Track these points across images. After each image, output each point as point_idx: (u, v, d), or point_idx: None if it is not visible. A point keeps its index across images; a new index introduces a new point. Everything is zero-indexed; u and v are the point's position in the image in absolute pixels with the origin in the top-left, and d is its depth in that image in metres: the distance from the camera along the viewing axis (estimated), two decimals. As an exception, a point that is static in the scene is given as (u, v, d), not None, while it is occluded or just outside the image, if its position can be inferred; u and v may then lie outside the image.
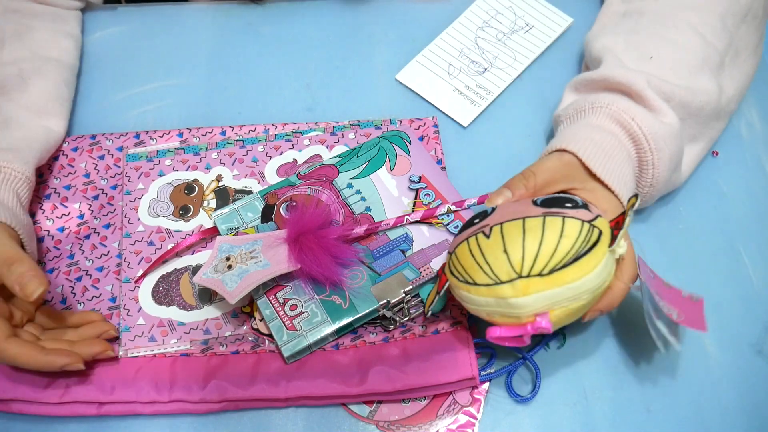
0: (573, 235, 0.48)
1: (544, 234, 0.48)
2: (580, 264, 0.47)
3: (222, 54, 0.74)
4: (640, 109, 0.58)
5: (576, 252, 0.47)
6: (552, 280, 0.47)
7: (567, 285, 0.47)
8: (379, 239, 0.60)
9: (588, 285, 0.48)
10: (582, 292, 0.48)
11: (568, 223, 0.48)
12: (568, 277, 0.47)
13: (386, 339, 0.57)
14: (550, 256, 0.47)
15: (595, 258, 0.48)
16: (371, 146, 0.65)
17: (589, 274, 0.48)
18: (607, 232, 0.49)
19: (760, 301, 0.61)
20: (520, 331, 0.49)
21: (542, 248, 0.47)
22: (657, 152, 0.58)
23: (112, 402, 0.55)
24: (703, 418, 0.56)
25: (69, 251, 0.61)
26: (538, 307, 0.48)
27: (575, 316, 0.50)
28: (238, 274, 0.56)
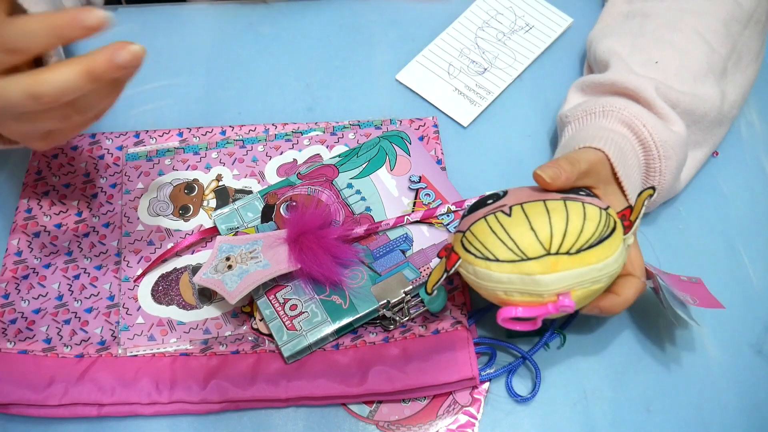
0: (595, 218, 0.49)
1: (569, 215, 0.49)
2: (603, 246, 0.48)
3: (222, 54, 0.74)
4: (650, 116, 0.58)
5: (600, 235, 0.49)
6: (579, 259, 0.48)
7: (592, 266, 0.48)
8: (379, 239, 0.60)
9: (608, 268, 0.49)
10: (603, 275, 0.49)
11: (589, 208, 0.50)
12: (593, 257, 0.48)
13: (386, 339, 0.57)
14: (578, 235, 0.48)
15: (615, 242, 0.49)
16: (371, 146, 0.65)
17: (611, 257, 0.49)
18: (618, 222, 0.51)
19: (760, 301, 0.61)
20: (541, 310, 0.49)
21: (569, 227, 0.48)
22: (665, 160, 0.58)
23: (112, 403, 0.55)
24: (703, 418, 0.56)
25: (67, 248, 0.61)
26: (562, 286, 0.48)
27: (590, 299, 0.51)
28: (239, 274, 0.56)
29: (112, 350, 0.57)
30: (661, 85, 0.60)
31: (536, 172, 0.52)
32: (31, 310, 0.58)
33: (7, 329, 0.57)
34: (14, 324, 0.57)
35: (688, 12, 0.64)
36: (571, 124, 0.62)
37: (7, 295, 0.59)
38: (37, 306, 0.58)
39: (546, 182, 0.52)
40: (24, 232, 0.62)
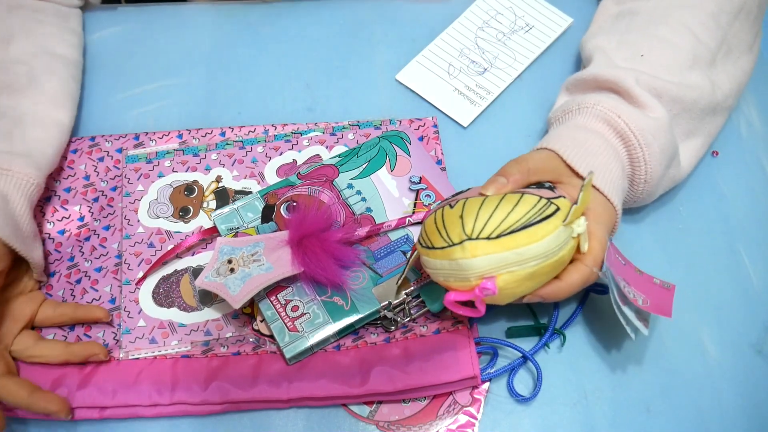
0: (526, 206, 0.50)
1: (500, 205, 0.50)
2: (528, 231, 0.49)
3: (222, 54, 0.74)
4: (626, 106, 0.59)
5: (527, 220, 0.49)
6: (499, 243, 0.49)
7: (513, 250, 0.49)
8: (380, 240, 0.60)
9: (534, 252, 0.49)
10: (528, 258, 0.49)
11: (525, 198, 0.50)
12: (514, 242, 0.49)
13: (387, 339, 0.57)
14: (500, 222, 0.49)
15: (546, 228, 0.49)
16: (371, 146, 0.65)
17: (537, 242, 0.49)
18: (565, 210, 0.51)
19: (760, 301, 0.61)
20: (470, 295, 0.50)
21: (494, 215, 0.49)
22: (646, 147, 0.58)
23: (114, 406, 0.55)
24: (703, 418, 0.57)
25: (69, 254, 0.61)
26: (486, 270, 0.49)
27: (524, 284, 0.51)
28: (241, 278, 0.56)
29: (114, 353, 0.57)
30: (643, 75, 0.60)
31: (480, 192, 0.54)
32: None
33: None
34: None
35: (675, 6, 0.64)
36: (553, 125, 0.63)
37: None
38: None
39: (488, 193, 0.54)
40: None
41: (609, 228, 0.57)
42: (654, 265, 0.63)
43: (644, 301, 0.54)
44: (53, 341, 0.56)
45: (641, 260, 0.62)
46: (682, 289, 0.62)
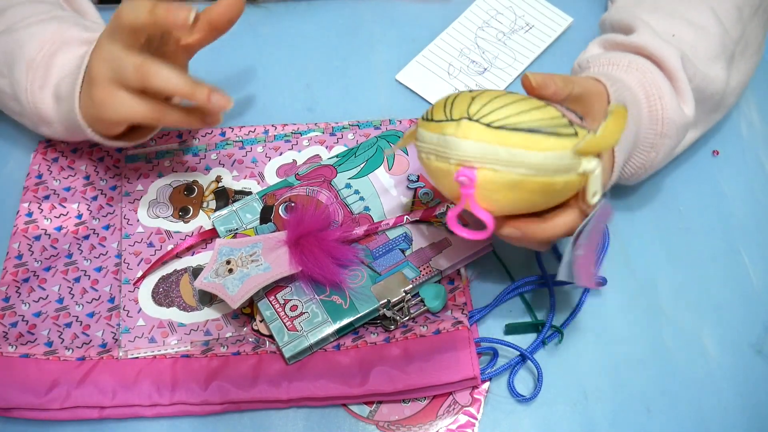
0: (544, 114, 0.45)
1: (518, 101, 0.46)
2: (531, 136, 0.45)
3: (221, 54, 0.74)
4: (670, 89, 0.57)
5: (536, 126, 0.45)
6: (495, 133, 0.45)
7: (507, 147, 0.45)
8: (378, 239, 0.60)
9: (527, 159, 0.45)
10: (518, 163, 0.45)
11: (548, 107, 0.46)
12: (511, 139, 0.45)
13: (387, 339, 0.57)
14: (509, 114, 0.45)
15: (551, 142, 0.45)
16: (369, 146, 0.65)
17: (535, 151, 0.45)
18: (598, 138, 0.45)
19: (760, 301, 0.61)
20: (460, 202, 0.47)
21: (507, 107, 0.45)
22: (664, 137, 0.57)
23: (113, 406, 0.55)
24: (703, 418, 0.56)
25: (67, 251, 0.61)
26: (471, 156, 0.45)
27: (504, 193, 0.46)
28: (240, 278, 0.56)
29: (113, 353, 0.57)
30: (684, 56, 0.58)
31: (525, 75, 0.50)
32: (32, 314, 0.58)
33: (8, 333, 0.57)
34: (15, 327, 0.57)
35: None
36: (590, 70, 0.60)
37: (7, 298, 0.59)
38: (38, 309, 0.59)
39: (531, 86, 0.50)
40: (25, 236, 0.62)
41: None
42: (654, 265, 0.63)
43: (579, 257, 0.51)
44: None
45: (641, 260, 0.62)
46: (682, 289, 0.62)
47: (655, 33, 0.60)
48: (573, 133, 0.46)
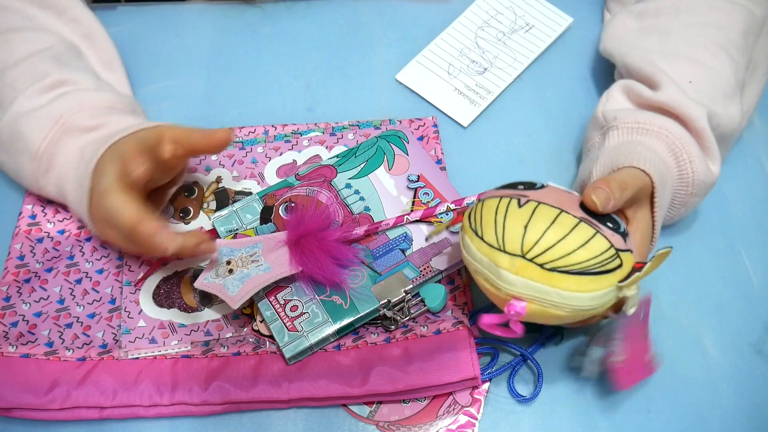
0: (594, 251, 0.47)
1: (570, 234, 0.47)
2: (581, 279, 0.47)
3: (222, 54, 0.74)
4: (698, 151, 0.57)
5: (586, 267, 0.47)
6: (548, 276, 0.47)
7: (558, 290, 0.47)
8: (378, 239, 0.60)
9: (576, 302, 0.48)
10: (566, 305, 0.48)
11: (597, 239, 0.48)
12: (563, 283, 0.47)
13: (388, 339, 0.57)
14: (561, 256, 0.47)
15: (599, 283, 0.47)
16: (369, 146, 0.65)
17: (584, 294, 0.47)
18: (627, 268, 0.48)
19: (760, 301, 0.61)
20: (501, 317, 0.49)
21: (559, 245, 0.47)
22: (693, 197, 0.58)
23: (114, 406, 0.55)
24: (703, 418, 0.56)
25: (69, 252, 0.62)
26: (519, 292, 0.48)
27: (547, 320, 0.50)
28: (240, 279, 0.56)
29: (113, 353, 0.57)
30: (710, 112, 0.58)
31: (589, 196, 0.50)
32: (33, 314, 0.58)
33: (8, 333, 0.57)
34: (15, 327, 0.58)
35: (706, 26, 0.62)
36: (619, 129, 0.59)
37: (8, 297, 0.59)
38: (39, 309, 0.59)
39: (596, 207, 0.50)
40: (27, 238, 0.62)
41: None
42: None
43: (619, 362, 0.52)
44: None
45: (641, 260, 0.62)
46: (682, 289, 0.62)
47: (679, 88, 0.59)
48: (619, 265, 0.48)
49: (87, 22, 0.68)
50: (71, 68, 0.62)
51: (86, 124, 0.59)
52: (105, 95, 0.61)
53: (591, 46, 0.74)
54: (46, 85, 0.60)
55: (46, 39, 0.64)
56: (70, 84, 0.61)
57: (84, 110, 0.59)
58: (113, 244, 0.56)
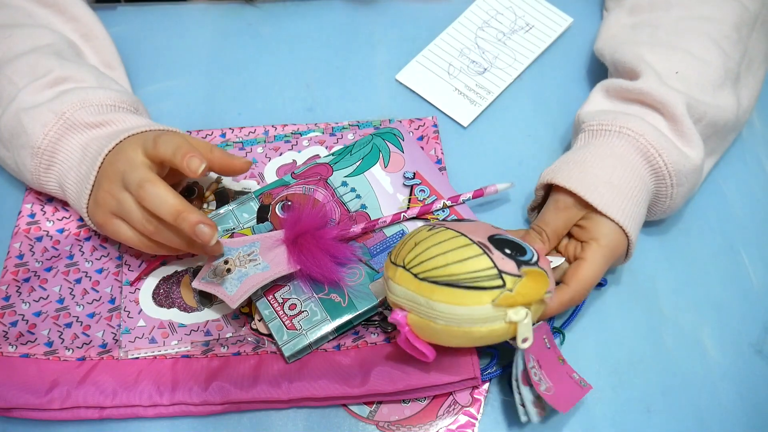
0: (470, 267, 0.48)
1: (453, 251, 0.49)
2: (448, 291, 0.48)
3: (222, 54, 0.74)
4: (667, 140, 0.58)
5: (457, 279, 0.48)
6: (418, 285, 0.49)
7: (428, 300, 0.48)
8: (375, 236, 0.60)
9: (446, 313, 0.48)
10: (437, 314, 0.48)
11: (479, 258, 0.48)
12: (429, 291, 0.48)
13: (388, 340, 0.57)
14: (434, 267, 0.48)
15: (469, 298, 0.48)
16: (364, 144, 0.65)
17: (453, 306, 0.48)
18: (514, 294, 0.48)
19: (760, 301, 0.61)
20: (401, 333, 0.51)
21: (437, 257, 0.49)
22: (677, 187, 0.58)
23: (114, 406, 0.55)
24: (703, 418, 0.56)
25: (68, 252, 0.62)
26: (401, 301, 0.50)
27: (434, 335, 0.50)
28: (238, 278, 0.56)
29: (113, 353, 0.57)
30: (690, 99, 0.59)
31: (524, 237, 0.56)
32: (32, 313, 0.58)
33: (8, 333, 0.57)
34: (15, 327, 0.58)
35: (697, 19, 0.63)
36: (585, 132, 0.61)
37: (7, 297, 0.59)
38: (38, 309, 0.59)
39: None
40: (26, 237, 0.62)
41: (613, 257, 0.56)
42: (654, 265, 0.63)
43: (548, 389, 0.52)
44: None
45: (641, 260, 0.62)
46: (682, 289, 0.62)
47: (659, 77, 0.60)
48: (499, 285, 0.48)
49: (87, 21, 0.68)
50: (74, 64, 0.62)
51: (90, 121, 0.59)
52: (109, 93, 0.61)
53: (591, 46, 0.74)
54: (49, 81, 0.60)
55: (47, 35, 0.64)
56: (73, 81, 0.61)
57: (88, 107, 0.59)
58: (115, 237, 0.56)
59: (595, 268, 0.55)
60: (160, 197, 0.51)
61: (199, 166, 0.52)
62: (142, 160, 0.54)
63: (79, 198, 0.57)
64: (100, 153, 0.56)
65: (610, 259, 0.56)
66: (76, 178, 0.58)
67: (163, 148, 0.53)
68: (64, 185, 0.59)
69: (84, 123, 0.59)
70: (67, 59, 0.62)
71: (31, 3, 0.66)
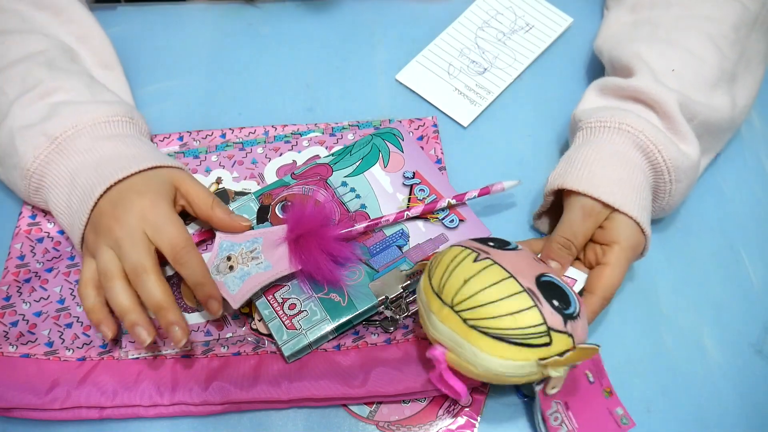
0: (522, 323, 0.47)
1: (505, 299, 0.48)
2: (498, 344, 0.47)
3: (222, 54, 0.74)
4: (666, 138, 0.58)
5: (506, 334, 0.47)
6: (465, 331, 0.48)
7: (473, 347, 0.48)
8: (375, 236, 0.60)
9: (488, 364, 0.48)
10: (479, 364, 0.48)
11: (531, 312, 0.47)
12: (477, 341, 0.47)
13: (388, 341, 0.57)
14: (486, 316, 0.47)
15: (516, 353, 0.47)
16: (364, 144, 0.65)
17: (496, 359, 0.47)
18: (557, 349, 0.48)
19: (760, 301, 0.61)
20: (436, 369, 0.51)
21: (488, 306, 0.47)
22: (676, 183, 0.58)
23: (114, 406, 0.55)
24: (703, 418, 0.56)
25: (69, 253, 0.62)
26: (443, 338, 0.49)
27: (468, 374, 0.50)
28: (240, 277, 0.56)
29: (113, 353, 0.57)
30: (683, 98, 0.59)
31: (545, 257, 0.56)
32: (33, 313, 0.58)
33: (9, 333, 0.57)
34: (15, 327, 0.58)
35: (697, 18, 0.63)
36: (583, 130, 0.61)
37: (8, 297, 0.59)
38: (39, 309, 0.59)
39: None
40: (27, 238, 0.62)
41: (634, 257, 0.57)
42: (654, 265, 0.63)
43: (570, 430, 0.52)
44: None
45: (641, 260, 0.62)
46: (682, 289, 0.62)
47: (653, 75, 0.60)
48: (546, 343, 0.47)
49: (84, 23, 0.68)
50: (65, 73, 0.62)
51: (82, 148, 0.58)
52: (102, 108, 0.60)
53: (591, 46, 0.74)
54: (40, 92, 0.60)
55: (40, 42, 0.63)
56: (64, 92, 0.60)
57: (81, 130, 0.58)
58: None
59: (619, 272, 0.55)
60: (148, 289, 0.52)
61: (218, 311, 0.55)
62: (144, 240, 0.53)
63: (72, 230, 0.57)
64: (93, 192, 0.55)
65: (632, 260, 0.56)
66: (66, 208, 0.57)
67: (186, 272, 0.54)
68: (52, 211, 0.59)
69: (75, 150, 0.58)
70: (59, 68, 0.62)
71: (25, 6, 0.66)
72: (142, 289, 0.52)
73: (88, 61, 0.67)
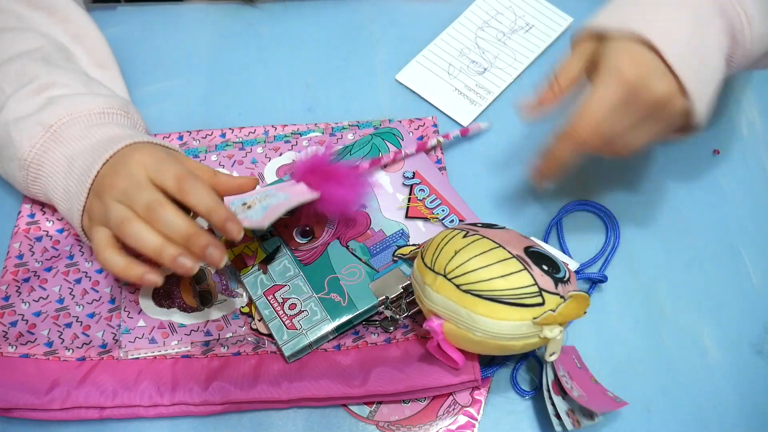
0: (513, 284, 0.49)
1: (495, 264, 0.49)
2: (492, 305, 0.48)
3: (222, 54, 0.74)
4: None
5: (500, 295, 0.48)
6: (460, 297, 0.49)
7: (469, 311, 0.49)
8: (375, 236, 0.61)
9: (485, 327, 0.49)
10: (477, 328, 0.49)
11: (521, 274, 0.49)
12: (474, 306, 0.49)
13: (388, 340, 0.57)
14: (477, 280, 0.49)
15: (511, 314, 0.48)
16: (364, 144, 0.65)
17: (493, 320, 0.48)
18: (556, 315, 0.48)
19: (760, 301, 0.61)
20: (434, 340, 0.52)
21: (479, 270, 0.49)
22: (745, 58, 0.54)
23: (114, 406, 0.55)
24: (703, 418, 0.56)
25: (68, 252, 0.62)
26: (439, 309, 0.51)
27: (467, 345, 0.51)
28: (261, 209, 0.55)
29: (113, 353, 0.57)
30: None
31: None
32: (32, 313, 0.58)
33: (8, 333, 0.57)
34: (15, 327, 0.58)
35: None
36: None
37: (7, 297, 0.59)
38: (38, 309, 0.59)
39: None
40: (26, 237, 0.62)
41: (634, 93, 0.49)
42: (654, 265, 0.63)
43: (581, 396, 0.52)
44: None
45: (642, 260, 0.62)
46: (682, 289, 0.62)
47: None
48: (539, 303, 0.49)
49: (80, 22, 0.68)
50: (61, 69, 0.62)
51: (77, 134, 0.58)
52: (97, 99, 0.60)
53: (591, 46, 0.74)
54: (36, 87, 0.59)
55: (35, 40, 0.63)
56: (60, 86, 0.60)
57: (76, 119, 0.58)
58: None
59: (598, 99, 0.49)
60: (170, 222, 0.50)
61: (239, 232, 0.52)
62: (150, 183, 0.52)
63: (71, 214, 0.57)
64: (90, 169, 0.54)
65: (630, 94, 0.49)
66: (64, 193, 0.57)
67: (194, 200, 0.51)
68: (52, 199, 0.58)
69: (71, 137, 0.58)
70: (54, 64, 0.62)
71: (20, 5, 0.66)
72: (163, 224, 0.50)
73: (83, 61, 0.67)
